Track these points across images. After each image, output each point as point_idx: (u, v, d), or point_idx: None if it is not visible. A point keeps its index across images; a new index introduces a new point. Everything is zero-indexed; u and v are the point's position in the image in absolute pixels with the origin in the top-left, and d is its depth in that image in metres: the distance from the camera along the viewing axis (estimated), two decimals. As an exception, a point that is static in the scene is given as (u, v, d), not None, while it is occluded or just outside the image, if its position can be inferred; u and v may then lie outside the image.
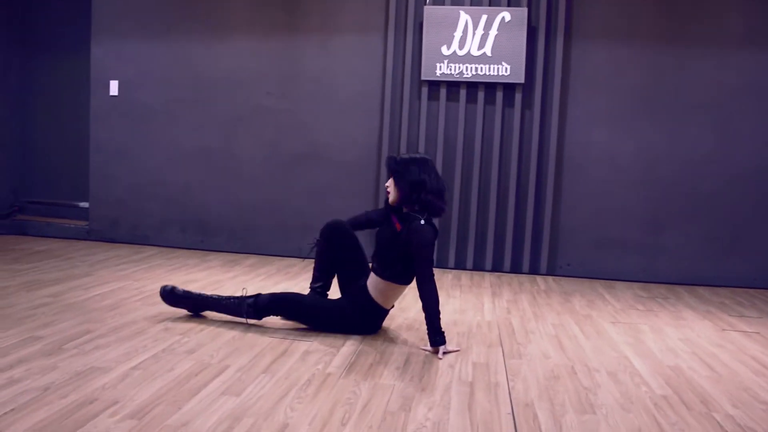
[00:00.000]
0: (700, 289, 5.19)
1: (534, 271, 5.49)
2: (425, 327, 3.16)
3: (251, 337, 3.22)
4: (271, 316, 3.45)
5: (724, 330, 3.92)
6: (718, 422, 2.45)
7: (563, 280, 5.32)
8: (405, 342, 3.29)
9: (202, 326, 3.36)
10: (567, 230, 5.47)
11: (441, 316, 3.17)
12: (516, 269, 5.49)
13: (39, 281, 4.22)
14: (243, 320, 3.44)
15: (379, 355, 3.04)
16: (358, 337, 3.31)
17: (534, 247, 5.46)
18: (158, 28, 5.84)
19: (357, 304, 3.36)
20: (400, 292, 3.42)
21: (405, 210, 3.34)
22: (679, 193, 5.36)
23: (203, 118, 5.81)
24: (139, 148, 5.92)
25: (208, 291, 3.94)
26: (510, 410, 2.45)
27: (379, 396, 2.51)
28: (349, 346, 3.15)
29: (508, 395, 2.61)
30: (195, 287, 4.32)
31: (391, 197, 3.36)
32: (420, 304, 3.20)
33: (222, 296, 3.52)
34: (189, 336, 3.17)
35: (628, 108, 5.36)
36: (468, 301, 4.36)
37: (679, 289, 5.19)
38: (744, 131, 5.29)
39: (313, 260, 3.72)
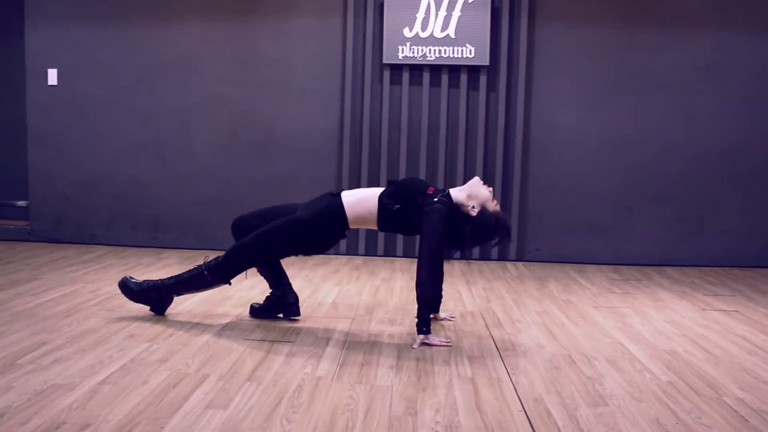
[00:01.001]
0: (669, 270, 5.17)
1: (503, 257, 5.37)
2: (406, 320, 2.97)
3: (226, 341, 2.97)
4: (238, 276, 3.29)
5: (704, 310, 3.87)
6: (731, 406, 2.35)
7: (533, 266, 5.22)
8: (391, 337, 3.10)
9: (170, 330, 3.09)
10: (535, 215, 5.37)
11: (428, 302, 3.02)
12: (485, 256, 5.36)
13: (-20, 288, 3.86)
14: (212, 290, 3.31)
15: (368, 353, 2.84)
16: (341, 336, 3.10)
17: (503, 233, 5.33)
18: (100, 11, 5.45)
19: (327, 212, 3.18)
20: (368, 226, 3.23)
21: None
22: (647, 174, 5.32)
23: (152, 108, 5.47)
24: (83, 140, 5.54)
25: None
26: (521, 407, 2.29)
27: (379, 400, 2.31)
28: (333, 346, 2.94)
29: (514, 391, 2.45)
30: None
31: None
32: (398, 296, 3.01)
33: (180, 274, 3.31)
34: (158, 342, 2.90)
35: (594, 90, 5.28)
36: (444, 291, 4.16)
37: (649, 270, 5.16)
38: (709, 112, 5.28)
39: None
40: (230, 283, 3.30)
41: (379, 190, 3.20)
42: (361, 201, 3.17)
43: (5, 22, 5.91)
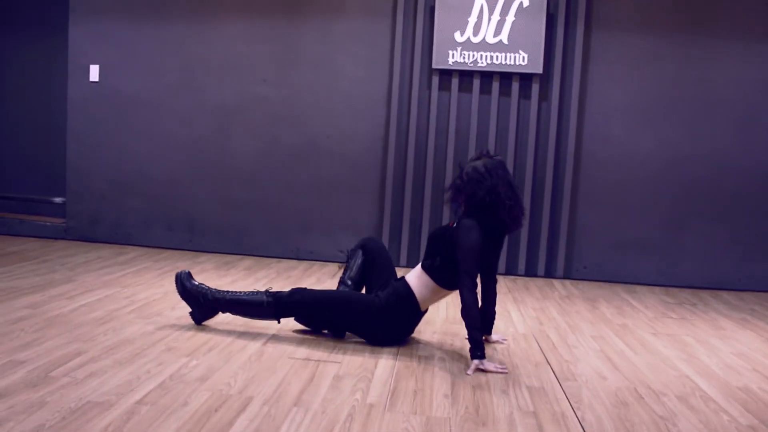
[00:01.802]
0: (724, 294, 4.91)
1: (549, 274, 5.15)
2: (456, 342, 2.82)
3: (269, 357, 2.81)
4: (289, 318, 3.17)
5: (771, 341, 3.63)
6: (823, 460, 2.13)
7: (581, 284, 4.99)
8: (443, 361, 2.92)
9: (209, 343, 2.94)
10: (584, 231, 5.14)
11: (476, 324, 2.84)
12: (531, 272, 5.15)
13: (15, 289, 3.75)
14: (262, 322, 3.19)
15: (420, 379, 2.66)
16: (390, 357, 2.92)
17: (550, 249, 5.13)
18: (144, 8, 5.34)
19: (394, 296, 3.02)
20: (440, 296, 3.10)
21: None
22: (702, 192, 5.07)
23: (193, 107, 5.35)
24: (122, 138, 5.44)
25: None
26: (592, 451, 2.10)
27: (438, 435, 2.13)
28: (382, 368, 2.76)
29: (581, 428, 2.25)
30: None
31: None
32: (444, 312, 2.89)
33: (238, 293, 3.17)
34: (197, 357, 2.75)
35: (649, 102, 5.05)
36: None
37: (703, 293, 4.91)
38: (769, 127, 5.01)
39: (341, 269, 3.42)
40: (279, 322, 3.18)
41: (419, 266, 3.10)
42: (418, 279, 3.05)
43: (48, 19, 5.84)
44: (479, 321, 2.88)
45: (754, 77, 4.99)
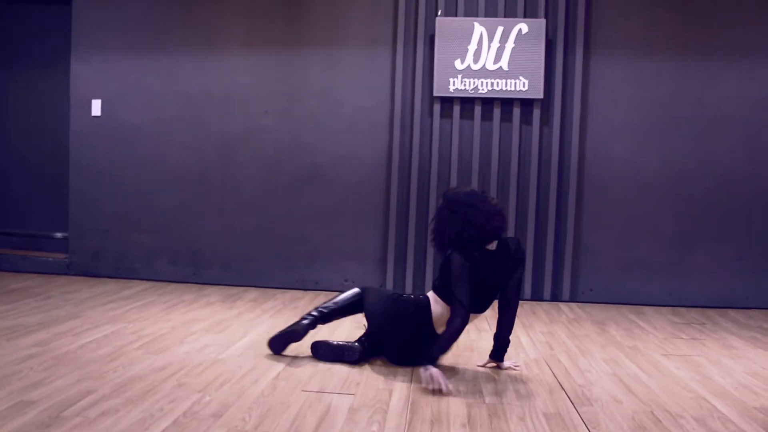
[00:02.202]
0: (732, 312, 4.90)
1: (556, 298, 5.13)
2: (468, 370, 2.93)
3: (282, 392, 2.78)
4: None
5: (783, 360, 3.61)
6: None
7: (588, 307, 4.97)
8: (457, 390, 2.89)
9: (221, 378, 2.92)
10: (589, 253, 5.14)
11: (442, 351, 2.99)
12: (537, 296, 5.13)
13: (21, 327, 3.72)
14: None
15: (435, 409, 2.63)
16: (404, 387, 2.90)
17: (555, 272, 5.12)
18: (146, 41, 5.39)
19: (414, 302, 3.20)
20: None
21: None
22: (706, 210, 5.08)
23: (196, 139, 5.37)
24: (125, 172, 5.44)
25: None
26: (615, 478, 2.07)
27: (458, 466, 2.11)
28: (397, 399, 2.74)
29: (602, 457, 2.23)
30: (199, 327, 3.89)
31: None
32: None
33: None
34: (209, 393, 2.72)
35: (651, 122, 5.08)
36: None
37: (710, 312, 4.89)
38: (771, 144, 5.04)
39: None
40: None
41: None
42: (432, 297, 3.18)
43: (50, 54, 5.87)
44: (446, 350, 3.00)
45: (754, 96, 5.02)
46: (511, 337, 3.28)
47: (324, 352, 3.28)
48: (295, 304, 4.70)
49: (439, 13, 5.05)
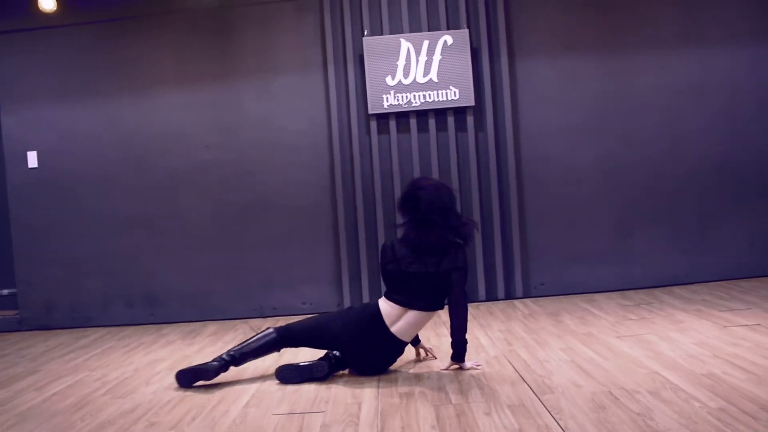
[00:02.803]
0: (677, 289, 5.13)
1: (510, 296, 5.28)
2: (432, 373, 3.14)
3: (253, 418, 2.83)
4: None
5: (726, 327, 3.81)
6: (792, 430, 2.26)
7: (542, 301, 5.14)
8: (423, 396, 2.98)
9: (191, 413, 2.94)
10: (537, 249, 5.31)
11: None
12: (492, 296, 5.27)
13: (-21, 388, 3.66)
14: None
15: (405, 415, 2.72)
16: (372, 399, 2.97)
17: (507, 271, 5.27)
18: (76, 87, 5.37)
19: (361, 308, 3.47)
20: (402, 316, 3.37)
21: None
22: (641, 196, 5.32)
23: (139, 180, 5.36)
24: (69, 220, 5.39)
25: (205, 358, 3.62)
26: (580, 456, 2.18)
27: (432, 465, 2.19)
28: (366, 411, 2.81)
29: (566, 438, 2.34)
30: (163, 366, 3.88)
31: None
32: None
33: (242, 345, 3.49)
34: (181, 429, 2.75)
35: (580, 118, 5.30)
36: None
37: (657, 291, 5.11)
38: (695, 129, 5.31)
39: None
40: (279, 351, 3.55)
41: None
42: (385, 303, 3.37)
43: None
44: (466, 342, 3.36)
45: (675, 83, 5.28)
46: (468, 338, 3.40)
47: (291, 374, 3.34)
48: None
49: (366, 33, 5.18)
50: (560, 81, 5.28)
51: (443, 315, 4.58)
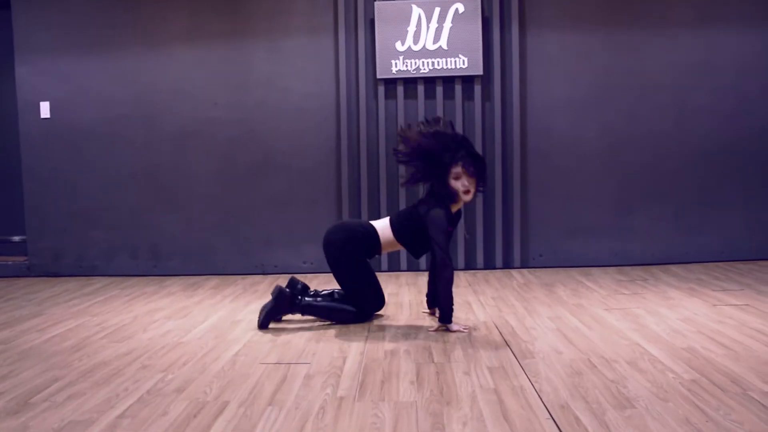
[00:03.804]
0: (674, 268, 5.16)
1: (507, 265, 5.35)
2: (422, 333, 3.24)
3: (241, 366, 2.93)
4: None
5: (715, 305, 3.86)
6: (759, 401, 2.33)
7: (539, 272, 5.20)
8: (408, 353, 3.07)
9: (183, 359, 3.05)
10: (537, 221, 5.35)
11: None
12: (489, 265, 5.34)
13: (-15, 327, 3.80)
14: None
15: (387, 370, 2.81)
16: (358, 354, 3.07)
17: (506, 241, 5.33)
18: (89, 42, 5.43)
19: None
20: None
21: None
22: (644, 174, 5.33)
23: (148, 135, 5.44)
24: (79, 172, 5.50)
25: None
26: (548, 414, 2.26)
27: (405, 417, 2.28)
28: (351, 364, 2.90)
29: (539, 399, 2.42)
30: (161, 315, 4.00)
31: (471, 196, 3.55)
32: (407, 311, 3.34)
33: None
34: (172, 372, 2.86)
35: (588, 93, 5.30)
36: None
37: (654, 269, 5.15)
38: (702, 109, 5.30)
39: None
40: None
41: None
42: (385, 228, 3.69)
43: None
44: (452, 304, 3.45)
45: (683, 62, 5.27)
46: (461, 302, 3.49)
47: (263, 318, 3.63)
48: (255, 288, 4.83)
49: (378, -3, 5.19)
50: (569, 54, 5.27)
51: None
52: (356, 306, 3.67)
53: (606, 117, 5.30)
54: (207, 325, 3.74)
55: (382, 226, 3.68)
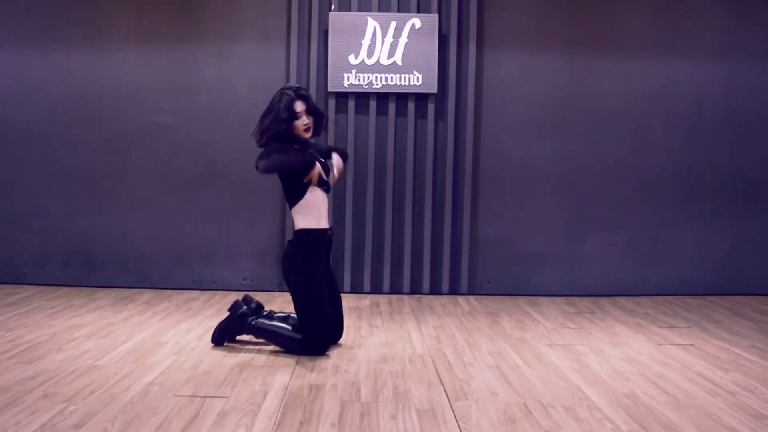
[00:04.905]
0: (622, 300, 5.08)
1: (454, 290, 5.19)
2: (354, 365, 3.06)
3: (153, 397, 2.71)
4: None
5: (660, 344, 3.76)
6: (696, 462, 2.20)
7: (485, 299, 5.06)
8: (334, 388, 2.88)
9: (92, 386, 2.82)
10: (486, 245, 5.22)
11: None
12: (436, 290, 5.18)
13: None
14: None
15: (308, 409, 2.61)
16: (280, 388, 2.87)
17: (453, 266, 5.18)
18: (32, 36, 5.13)
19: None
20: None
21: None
22: (598, 200, 5.25)
23: (87, 137, 5.16)
24: (11, 171, 5.18)
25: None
26: (472, 472, 2.10)
27: (318, 468, 2.09)
28: (271, 401, 2.70)
29: (465, 451, 2.25)
30: (82, 333, 3.75)
31: (312, 131, 3.60)
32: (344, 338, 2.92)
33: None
34: (75, 402, 2.62)
35: (543, 116, 5.20)
36: (392, 330, 3.99)
37: (602, 301, 5.06)
38: (656, 138, 5.25)
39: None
40: None
41: None
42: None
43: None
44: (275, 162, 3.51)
45: (640, 89, 5.21)
46: (400, 332, 3.31)
47: (217, 336, 3.57)
48: (189, 305, 4.59)
49: (333, 7, 5.01)
50: (526, 76, 5.17)
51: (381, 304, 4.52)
52: (303, 332, 3.41)
53: (561, 141, 5.20)
54: (129, 346, 3.50)
55: None
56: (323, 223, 3.55)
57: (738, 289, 5.30)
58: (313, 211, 3.51)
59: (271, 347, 3.50)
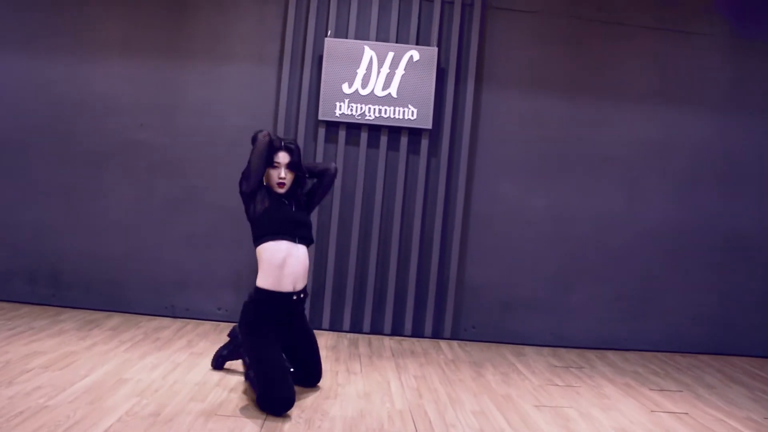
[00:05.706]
0: (610, 354, 4.89)
1: (437, 334, 4.98)
2: (326, 420, 2.80)
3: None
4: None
5: (653, 411, 3.57)
6: None
7: (469, 346, 4.85)
8: (305, 450, 2.65)
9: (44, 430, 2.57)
10: (472, 289, 5.02)
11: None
12: (418, 332, 4.96)
13: None
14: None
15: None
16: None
17: (437, 309, 4.97)
18: (9, 41, 4.91)
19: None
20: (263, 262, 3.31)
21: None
22: (587, 251, 5.08)
23: (63, 151, 4.92)
24: (-22, 183, 4.94)
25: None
26: None
27: None
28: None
29: None
30: (38, 363, 3.49)
31: (287, 186, 3.44)
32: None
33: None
34: (18, 453, 2.38)
35: (538, 160, 5.04)
36: (371, 379, 3.76)
37: (590, 354, 4.87)
38: (653, 189, 5.10)
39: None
40: None
41: None
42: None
43: None
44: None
45: (637, 138, 5.07)
46: (379, 380, 3.11)
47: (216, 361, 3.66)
48: (158, 335, 4.34)
49: (329, 33, 4.84)
50: (525, 117, 5.01)
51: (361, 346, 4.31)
52: (258, 389, 3.12)
53: (555, 186, 5.04)
54: (87, 382, 3.25)
55: None
56: (285, 285, 3.25)
57: (729, 349, 5.14)
58: (272, 268, 3.25)
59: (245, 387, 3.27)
